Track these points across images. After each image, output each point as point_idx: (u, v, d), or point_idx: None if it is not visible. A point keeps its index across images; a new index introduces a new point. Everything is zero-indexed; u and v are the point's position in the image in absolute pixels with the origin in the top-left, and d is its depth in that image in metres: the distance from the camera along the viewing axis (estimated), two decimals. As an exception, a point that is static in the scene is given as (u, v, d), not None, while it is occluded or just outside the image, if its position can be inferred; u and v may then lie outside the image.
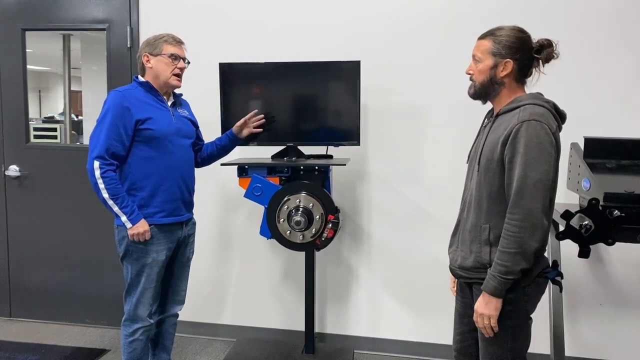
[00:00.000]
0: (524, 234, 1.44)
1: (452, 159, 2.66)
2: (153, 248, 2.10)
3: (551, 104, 1.55)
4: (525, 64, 1.58)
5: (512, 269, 1.47)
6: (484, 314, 1.53)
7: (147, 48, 2.13)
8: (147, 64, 2.13)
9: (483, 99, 1.66)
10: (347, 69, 2.47)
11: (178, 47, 2.16)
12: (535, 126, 1.45)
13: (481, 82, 1.61)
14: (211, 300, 3.08)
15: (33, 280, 3.26)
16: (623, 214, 1.84)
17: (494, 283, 1.50)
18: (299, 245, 2.47)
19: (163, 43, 2.13)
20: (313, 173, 2.47)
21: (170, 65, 2.12)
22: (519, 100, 1.56)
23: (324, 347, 2.85)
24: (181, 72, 2.17)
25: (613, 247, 1.99)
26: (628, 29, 2.48)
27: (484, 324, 1.55)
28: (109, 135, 1.99)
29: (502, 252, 1.48)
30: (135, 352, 2.16)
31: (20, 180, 3.19)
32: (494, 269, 1.51)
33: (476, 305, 1.57)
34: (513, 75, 1.58)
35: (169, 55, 2.12)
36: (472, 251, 1.61)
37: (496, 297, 1.51)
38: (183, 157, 2.18)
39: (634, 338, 2.63)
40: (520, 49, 1.56)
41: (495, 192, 1.55)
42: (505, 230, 1.48)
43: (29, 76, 3.20)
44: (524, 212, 1.44)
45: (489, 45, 1.58)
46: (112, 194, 1.98)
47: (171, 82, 2.14)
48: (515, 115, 1.51)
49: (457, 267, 1.70)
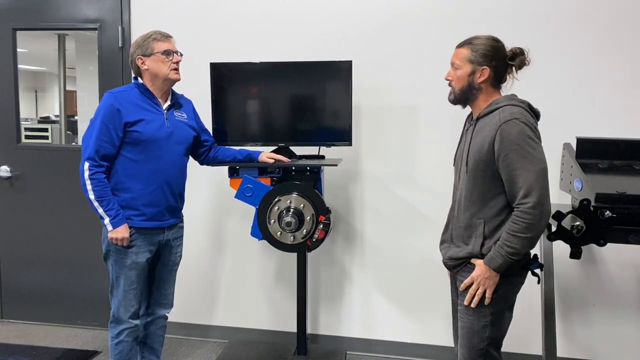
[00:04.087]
0: (535, 220, 1.53)
1: (445, 159, 2.64)
2: (132, 250, 2.09)
3: (526, 103, 1.66)
4: (500, 71, 1.69)
5: (520, 251, 1.57)
6: (482, 285, 1.62)
7: (138, 50, 2.11)
8: (143, 66, 2.11)
9: (462, 103, 1.77)
10: (339, 69, 2.45)
11: (168, 42, 2.14)
12: (518, 124, 1.56)
13: (460, 88, 1.72)
14: (203, 302, 3.06)
15: (24, 281, 3.24)
16: (614, 214, 1.84)
17: (500, 260, 1.58)
18: (290, 246, 2.45)
19: (152, 42, 2.10)
20: (305, 174, 2.46)
21: (166, 62, 2.11)
22: (497, 102, 1.66)
23: (317, 348, 2.84)
24: (177, 65, 2.15)
25: (606, 248, 1.98)
26: (620, 30, 2.47)
27: (474, 292, 1.64)
28: (99, 137, 2.00)
29: (513, 235, 1.56)
30: (122, 353, 2.15)
31: (11, 180, 3.17)
32: (501, 249, 1.58)
33: (474, 273, 1.64)
34: (489, 81, 1.69)
35: (162, 52, 2.10)
36: (467, 244, 1.70)
37: (497, 273, 1.61)
38: (172, 163, 2.15)
39: (627, 339, 2.62)
40: (495, 56, 1.66)
41: (486, 188, 1.64)
42: (516, 217, 1.56)
43: (25, 76, 3.19)
44: (535, 200, 1.52)
45: (466, 53, 1.70)
46: (98, 196, 1.99)
47: (171, 76, 2.12)
48: (496, 116, 1.61)
49: (447, 259, 1.78)
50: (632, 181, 2.01)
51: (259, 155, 2.42)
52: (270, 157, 2.41)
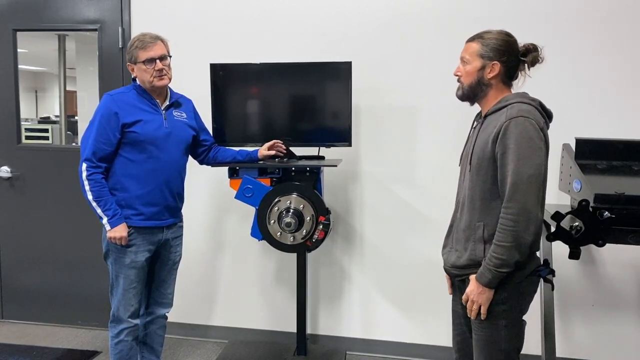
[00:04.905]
0: (519, 227, 1.47)
1: (444, 159, 2.65)
2: (131, 249, 2.10)
3: (537, 102, 1.59)
4: (511, 67, 1.62)
5: (508, 262, 1.50)
6: (476, 301, 1.57)
7: (128, 56, 2.13)
8: (133, 72, 2.14)
9: (471, 100, 1.70)
10: (338, 70, 2.45)
11: (149, 50, 2.07)
12: (524, 122, 1.49)
13: (469, 83, 1.65)
14: (202, 302, 3.06)
15: (24, 282, 3.24)
16: (613, 215, 1.84)
17: (489, 275, 1.53)
18: (290, 246, 2.45)
19: (135, 50, 2.08)
20: (304, 174, 2.46)
21: (148, 70, 2.08)
22: (506, 99, 1.60)
23: (316, 348, 2.84)
24: (163, 70, 2.09)
25: (605, 248, 1.98)
26: (621, 30, 2.47)
27: (472, 309, 1.59)
28: (97, 139, 2.03)
29: (498, 246, 1.51)
30: (122, 353, 2.16)
31: (11, 181, 3.17)
32: (489, 262, 1.53)
33: (468, 289, 1.60)
34: (500, 77, 1.62)
35: (143, 61, 2.07)
36: (466, 249, 1.63)
37: (489, 289, 1.54)
38: (170, 163, 2.16)
39: (626, 339, 2.62)
40: (506, 52, 1.60)
41: (488, 189, 1.57)
42: (500, 225, 1.51)
43: (26, 77, 3.19)
44: (518, 206, 1.46)
45: (477, 47, 1.62)
46: (96, 196, 2.02)
47: (155, 83, 2.10)
48: (503, 114, 1.54)
49: (450, 266, 1.72)
50: (630, 182, 2.01)
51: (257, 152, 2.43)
52: (268, 148, 2.41)
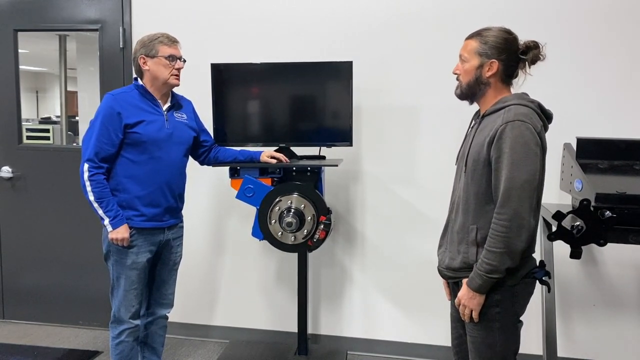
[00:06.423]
0: (511, 234, 1.45)
1: (445, 159, 2.63)
2: (133, 250, 2.10)
3: (536, 103, 1.56)
4: (510, 65, 1.59)
5: (498, 268, 1.48)
6: (467, 306, 1.57)
7: (142, 50, 2.10)
8: (144, 66, 2.10)
9: (470, 99, 1.68)
10: (339, 70, 2.45)
11: (174, 48, 2.13)
12: (520, 126, 1.46)
13: (467, 82, 1.62)
14: (204, 302, 3.06)
15: (25, 282, 3.25)
16: (615, 214, 1.83)
17: (479, 281, 1.52)
18: (291, 246, 2.45)
19: (159, 44, 2.09)
20: (305, 174, 2.46)
21: (168, 67, 2.10)
22: (504, 100, 1.57)
23: (317, 348, 2.84)
24: (179, 72, 2.15)
25: (606, 247, 1.97)
26: (622, 29, 2.47)
27: (464, 313, 1.59)
28: (99, 139, 2.01)
29: (489, 251, 1.49)
30: (122, 353, 2.16)
31: (12, 181, 3.17)
32: (479, 267, 1.52)
33: (460, 294, 1.60)
34: (499, 76, 1.59)
35: (166, 57, 2.09)
36: (459, 252, 1.62)
37: (480, 294, 1.53)
38: (172, 164, 2.16)
39: (627, 339, 2.61)
40: (506, 49, 1.57)
41: (482, 193, 1.55)
42: (492, 230, 1.49)
43: (26, 77, 3.19)
44: (511, 212, 1.45)
45: (475, 45, 1.60)
46: (97, 197, 2.01)
47: (171, 81, 2.12)
48: (500, 116, 1.51)
49: (444, 268, 1.70)
50: (632, 181, 2.01)
51: (260, 155, 2.42)
52: (271, 156, 2.41)
